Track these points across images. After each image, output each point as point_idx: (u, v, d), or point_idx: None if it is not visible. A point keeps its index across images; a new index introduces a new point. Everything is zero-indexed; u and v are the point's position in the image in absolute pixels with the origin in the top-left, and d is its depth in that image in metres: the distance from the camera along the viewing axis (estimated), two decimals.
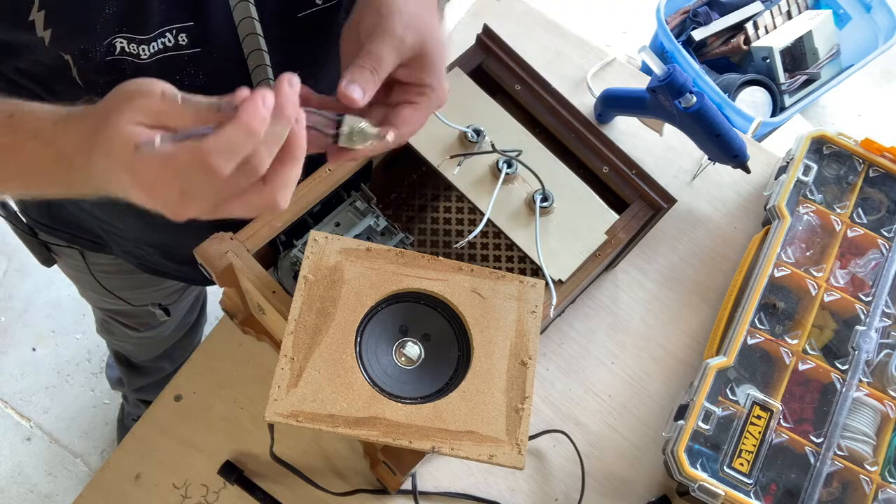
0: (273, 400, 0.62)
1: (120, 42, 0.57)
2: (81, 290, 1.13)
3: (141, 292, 1.06)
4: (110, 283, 1.03)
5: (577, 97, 1.05)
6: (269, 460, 0.77)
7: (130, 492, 0.82)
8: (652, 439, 0.89)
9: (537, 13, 1.13)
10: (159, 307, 1.09)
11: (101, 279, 1.01)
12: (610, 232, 0.80)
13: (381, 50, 0.54)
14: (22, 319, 1.78)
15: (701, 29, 1.95)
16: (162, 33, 0.58)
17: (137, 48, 0.58)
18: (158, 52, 0.59)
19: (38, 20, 0.53)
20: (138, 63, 0.59)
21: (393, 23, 0.54)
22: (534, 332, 0.68)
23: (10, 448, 1.66)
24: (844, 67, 1.92)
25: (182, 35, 0.59)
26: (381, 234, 0.79)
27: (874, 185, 0.99)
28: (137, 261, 0.95)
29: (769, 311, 0.90)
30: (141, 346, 1.29)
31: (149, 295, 1.08)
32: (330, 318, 0.66)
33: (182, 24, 0.59)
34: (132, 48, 0.58)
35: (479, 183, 0.79)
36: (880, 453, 0.84)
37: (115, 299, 1.06)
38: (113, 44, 0.57)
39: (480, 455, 0.63)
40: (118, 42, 0.57)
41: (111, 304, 1.10)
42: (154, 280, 1.03)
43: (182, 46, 0.60)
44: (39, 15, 0.53)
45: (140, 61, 0.59)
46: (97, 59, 0.57)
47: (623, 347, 0.93)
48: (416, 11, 0.56)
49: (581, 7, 2.31)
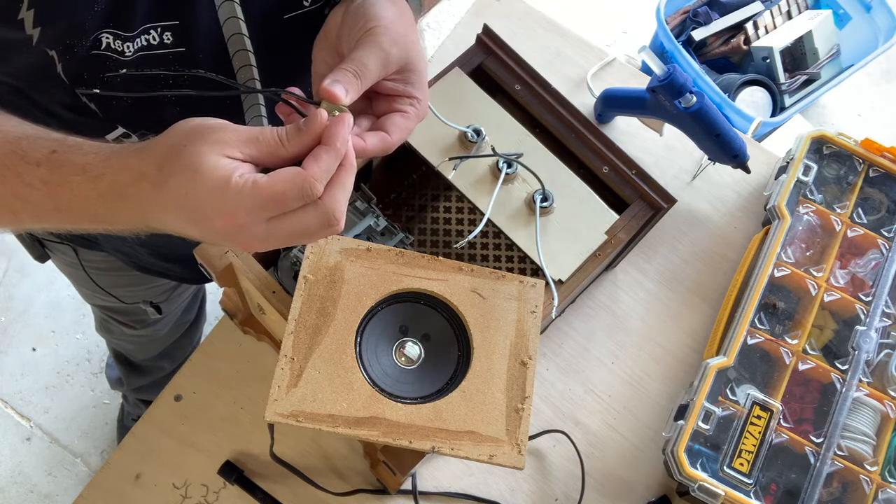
0: (273, 400, 0.62)
1: (106, 38, 0.57)
2: (76, 287, 1.14)
3: (133, 290, 1.07)
4: (103, 280, 1.03)
5: (577, 97, 1.05)
6: (269, 460, 0.77)
7: (130, 492, 0.82)
8: (652, 439, 0.89)
9: (537, 13, 1.13)
10: (150, 305, 1.10)
11: (93, 276, 1.02)
12: (610, 232, 0.80)
13: (366, 58, 0.56)
14: (22, 319, 1.78)
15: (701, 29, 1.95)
16: (146, 30, 0.58)
17: (122, 45, 0.58)
18: (142, 49, 0.59)
19: (27, 19, 0.53)
20: (122, 60, 0.59)
21: (379, 36, 0.57)
22: (534, 332, 0.68)
23: (10, 448, 1.66)
24: (844, 67, 1.92)
25: (167, 34, 0.59)
26: (381, 234, 0.79)
27: (874, 185, 0.99)
28: (128, 258, 0.95)
29: (769, 311, 0.90)
30: (139, 345, 1.29)
31: (141, 293, 1.08)
32: (330, 318, 0.66)
33: (167, 23, 0.59)
34: (117, 44, 0.58)
35: (479, 183, 0.79)
36: (880, 453, 0.85)
37: (107, 296, 1.06)
38: (99, 38, 0.57)
39: (480, 455, 0.63)
40: (104, 37, 0.57)
41: (104, 301, 1.10)
42: (146, 278, 1.03)
43: (167, 45, 0.60)
44: (29, 14, 0.53)
45: (124, 58, 0.59)
46: (82, 53, 0.57)
47: (623, 347, 0.93)
48: (402, 30, 0.58)
49: (581, 7, 2.31)
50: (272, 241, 0.50)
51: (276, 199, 0.48)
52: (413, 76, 0.59)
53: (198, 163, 0.48)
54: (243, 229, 0.49)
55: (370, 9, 0.58)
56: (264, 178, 0.48)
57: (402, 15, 0.59)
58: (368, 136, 0.57)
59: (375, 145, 0.57)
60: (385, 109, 0.59)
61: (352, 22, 0.58)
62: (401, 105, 0.59)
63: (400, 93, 0.59)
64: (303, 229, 0.50)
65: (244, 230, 0.49)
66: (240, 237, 0.50)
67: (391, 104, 0.59)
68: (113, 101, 0.65)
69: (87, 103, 0.65)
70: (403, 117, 0.58)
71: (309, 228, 0.50)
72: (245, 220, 0.48)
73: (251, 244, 0.50)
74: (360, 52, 0.56)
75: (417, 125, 0.60)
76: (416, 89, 0.59)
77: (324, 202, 0.50)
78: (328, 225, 0.50)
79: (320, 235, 0.51)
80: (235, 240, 0.50)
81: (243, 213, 0.48)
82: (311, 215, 0.50)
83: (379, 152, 0.57)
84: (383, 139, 0.57)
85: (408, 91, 0.59)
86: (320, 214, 0.50)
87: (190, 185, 0.48)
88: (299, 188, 0.48)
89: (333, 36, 0.61)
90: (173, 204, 0.49)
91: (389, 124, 0.58)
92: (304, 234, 0.51)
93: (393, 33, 0.57)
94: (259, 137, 0.50)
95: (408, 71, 0.58)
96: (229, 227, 0.49)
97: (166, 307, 1.15)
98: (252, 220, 0.48)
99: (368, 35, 0.57)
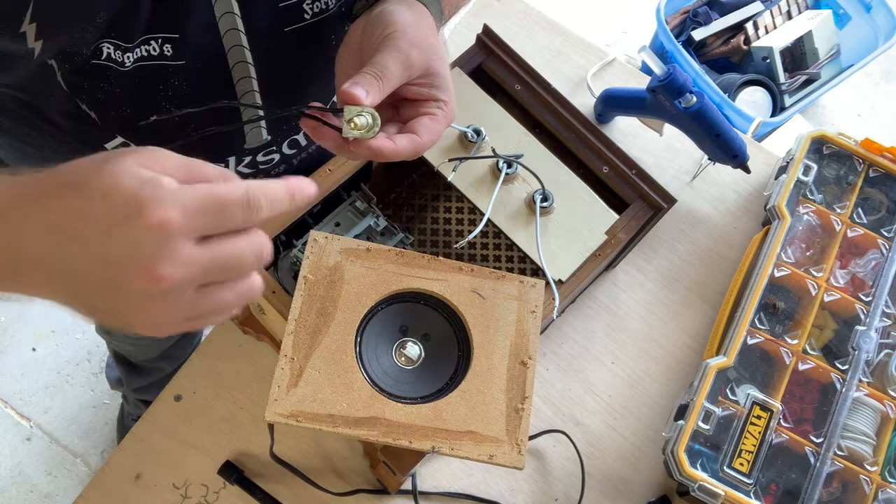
0: (273, 400, 0.62)
1: (106, 47, 0.57)
2: None
3: None
4: None
5: (577, 97, 1.05)
6: (269, 460, 0.77)
7: (130, 492, 0.82)
8: (652, 439, 0.89)
9: (537, 13, 1.13)
10: None
11: None
12: (610, 232, 0.80)
13: (385, 60, 0.56)
14: (22, 319, 1.78)
15: (701, 29, 1.95)
16: (146, 41, 0.58)
17: (122, 55, 0.58)
18: (141, 60, 0.59)
19: (29, 32, 0.53)
20: (121, 70, 0.59)
21: (397, 39, 0.57)
22: (534, 332, 0.68)
23: (10, 448, 1.66)
24: (844, 67, 1.92)
25: (167, 46, 0.59)
26: (381, 234, 0.79)
27: (874, 185, 0.99)
28: None
29: (769, 311, 0.90)
30: (140, 347, 1.29)
31: None
32: (330, 318, 0.66)
33: (168, 35, 0.59)
34: (117, 55, 0.58)
35: (479, 183, 0.79)
36: (880, 453, 0.84)
37: None
38: (99, 48, 0.57)
39: (480, 455, 0.63)
40: (105, 47, 0.57)
41: None
42: None
43: (167, 57, 0.60)
44: (31, 27, 0.52)
45: (123, 68, 0.59)
46: (80, 62, 0.57)
47: (623, 347, 0.93)
48: (422, 34, 0.58)
49: (581, 7, 2.31)
50: (195, 269, 0.40)
51: (219, 202, 0.40)
52: (437, 79, 0.59)
53: (119, 168, 0.39)
54: (169, 239, 0.39)
55: (388, 16, 0.59)
56: (204, 183, 0.41)
57: (421, 20, 0.60)
58: (398, 137, 0.57)
59: (405, 146, 0.57)
60: (413, 115, 0.60)
61: (371, 31, 0.59)
62: (428, 108, 0.59)
63: (426, 97, 0.59)
64: (236, 257, 0.42)
65: (169, 241, 0.39)
66: (161, 256, 0.39)
67: (418, 109, 0.60)
68: (112, 110, 0.64)
69: (88, 111, 0.64)
70: (432, 119, 0.59)
71: (243, 257, 0.42)
72: (176, 222, 0.39)
73: (170, 271, 0.39)
74: (380, 55, 0.56)
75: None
76: (442, 92, 0.59)
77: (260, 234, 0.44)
78: (261, 257, 0.44)
79: (249, 272, 0.44)
80: (153, 261, 0.39)
81: (177, 210, 0.39)
82: (245, 241, 0.43)
83: (409, 154, 0.58)
84: (413, 140, 0.57)
85: (433, 95, 0.59)
86: (257, 243, 0.43)
87: (110, 185, 0.39)
88: (245, 191, 0.41)
89: (355, 48, 0.61)
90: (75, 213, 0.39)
91: (418, 126, 0.58)
92: (235, 266, 0.43)
93: (411, 36, 0.57)
94: (194, 167, 0.42)
95: (431, 75, 0.59)
96: (153, 231, 0.38)
97: None
98: (184, 224, 0.39)
99: (387, 39, 0.57)
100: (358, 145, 0.56)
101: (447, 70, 0.60)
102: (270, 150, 0.77)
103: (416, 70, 0.58)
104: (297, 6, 0.63)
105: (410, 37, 0.57)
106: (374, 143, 0.56)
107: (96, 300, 0.41)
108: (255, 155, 0.76)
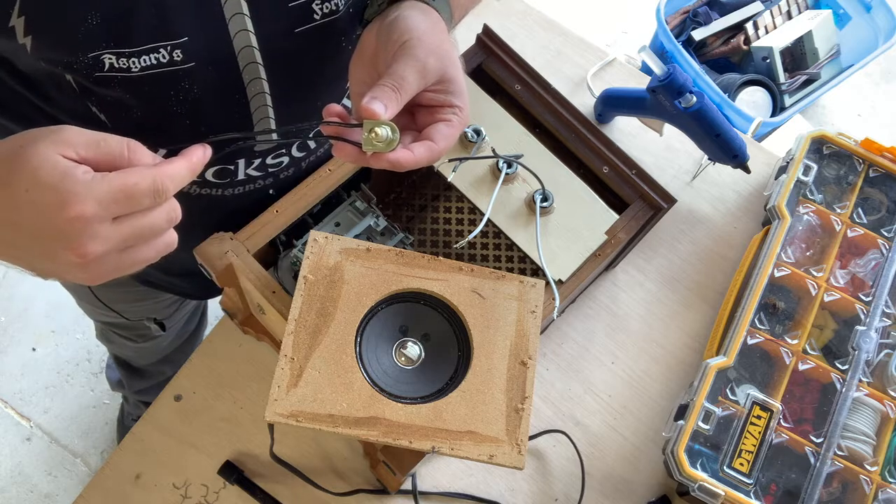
0: (273, 400, 0.62)
1: (108, 58, 0.57)
2: (78, 302, 1.13)
3: (136, 305, 1.06)
4: (106, 294, 1.02)
5: (577, 97, 1.05)
6: (269, 460, 0.77)
7: (130, 492, 0.82)
8: (652, 439, 0.89)
9: (537, 13, 1.13)
10: (154, 321, 1.09)
11: (96, 290, 1.01)
12: (610, 232, 0.80)
13: (404, 71, 0.56)
14: (22, 319, 1.78)
15: (701, 29, 1.95)
16: (156, 48, 0.58)
17: (128, 62, 0.58)
18: (151, 67, 0.59)
19: (17, 26, 0.53)
20: (130, 77, 0.59)
21: (414, 48, 0.57)
22: (534, 332, 0.68)
23: (10, 448, 1.66)
24: (844, 67, 1.93)
25: (177, 51, 0.59)
26: (381, 234, 0.79)
27: (874, 185, 0.99)
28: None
29: (769, 311, 0.90)
30: (141, 353, 1.29)
31: (144, 308, 1.07)
32: (330, 318, 0.66)
33: (177, 41, 0.59)
34: (121, 62, 0.58)
35: (479, 183, 0.79)
36: (880, 453, 0.85)
37: (109, 312, 1.05)
38: (101, 60, 0.57)
39: (480, 455, 0.63)
40: (106, 59, 0.57)
41: (107, 317, 1.09)
42: (151, 293, 1.02)
43: (177, 62, 0.60)
44: (19, 21, 0.52)
45: (131, 74, 0.59)
46: (84, 72, 0.57)
47: (623, 347, 0.93)
48: (436, 41, 0.59)
49: (581, 7, 2.31)
50: (115, 241, 0.48)
51: (127, 191, 0.46)
52: (452, 86, 0.59)
53: (36, 161, 0.45)
54: (88, 226, 0.46)
55: (403, 23, 0.59)
56: (114, 172, 0.47)
57: (435, 26, 0.60)
58: (415, 146, 0.57)
59: (422, 154, 0.57)
60: (428, 121, 0.60)
61: (385, 38, 0.59)
62: (444, 115, 0.60)
63: (441, 103, 0.60)
64: (150, 226, 0.49)
65: (89, 227, 0.46)
66: (83, 238, 0.46)
67: (434, 115, 0.60)
68: (122, 112, 0.64)
69: (97, 113, 0.64)
70: (447, 125, 0.59)
71: (156, 226, 0.50)
72: (93, 213, 0.46)
73: (93, 248, 0.47)
74: (397, 65, 0.57)
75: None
76: (457, 98, 0.60)
77: (170, 200, 0.50)
78: (172, 219, 0.51)
79: (164, 233, 0.51)
80: (78, 242, 0.46)
81: (92, 203, 0.45)
82: (156, 212, 0.49)
83: (427, 161, 0.58)
84: (429, 147, 0.58)
85: (448, 101, 0.60)
86: (165, 210, 0.50)
87: (31, 181, 0.45)
88: (151, 180, 0.47)
89: (369, 54, 0.61)
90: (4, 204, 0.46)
91: (434, 133, 0.59)
92: (150, 233, 0.50)
93: (427, 44, 0.58)
94: (101, 143, 0.48)
95: (447, 81, 0.59)
96: (74, 223, 0.46)
97: (169, 322, 1.14)
98: (100, 214, 0.46)
99: (403, 48, 0.57)
100: (378, 158, 0.57)
101: (462, 76, 0.60)
102: (280, 153, 0.77)
103: (432, 77, 0.58)
104: (307, 6, 0.63)
105: (426, 45, 0.57)
106: (391, 156, 0.56)
107: (35, 264, 0.50)
108: (265, 158, 0.77)
